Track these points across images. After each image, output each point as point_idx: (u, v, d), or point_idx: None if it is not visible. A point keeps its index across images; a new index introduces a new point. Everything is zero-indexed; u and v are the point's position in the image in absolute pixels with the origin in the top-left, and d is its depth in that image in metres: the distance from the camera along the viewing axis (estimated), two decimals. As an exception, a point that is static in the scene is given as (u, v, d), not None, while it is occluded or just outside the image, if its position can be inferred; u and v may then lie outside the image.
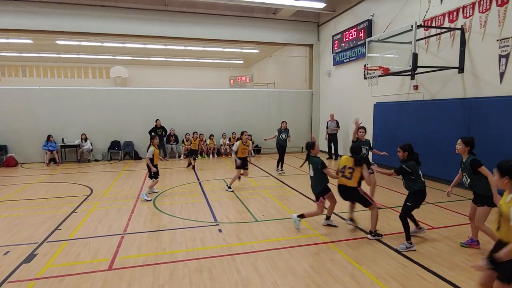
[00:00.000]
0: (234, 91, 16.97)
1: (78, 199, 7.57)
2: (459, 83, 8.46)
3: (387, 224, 5.79)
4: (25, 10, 12.51)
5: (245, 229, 5.57)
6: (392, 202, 7.15)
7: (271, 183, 9.35)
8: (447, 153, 8.69)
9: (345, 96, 13.84)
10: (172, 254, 4.62)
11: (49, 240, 5.13)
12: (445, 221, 5.90)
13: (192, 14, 14.26)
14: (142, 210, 6.69)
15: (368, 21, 11.93)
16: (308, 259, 4.45)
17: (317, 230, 5.47)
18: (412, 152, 4.92)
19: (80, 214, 6.49)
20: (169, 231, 5.50)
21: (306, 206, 6.95)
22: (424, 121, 9.41)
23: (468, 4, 8.09)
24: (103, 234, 5.40)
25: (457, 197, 7.57)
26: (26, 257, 4.52)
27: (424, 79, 9.56)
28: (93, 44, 17.54)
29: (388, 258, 4.44)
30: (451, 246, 4.81)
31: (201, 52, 20.76)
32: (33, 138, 13.21)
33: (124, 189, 8.63)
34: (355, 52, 12.86)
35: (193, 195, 7.95)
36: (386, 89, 10.95)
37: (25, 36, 15.78)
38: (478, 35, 7.89)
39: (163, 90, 15.06)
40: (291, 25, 15.56)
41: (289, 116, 15.85)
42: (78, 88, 14.46)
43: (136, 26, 13.76)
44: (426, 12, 9.20)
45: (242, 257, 4.52)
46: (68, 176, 10.69)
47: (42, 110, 13.35)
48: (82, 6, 13.01)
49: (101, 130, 13.98)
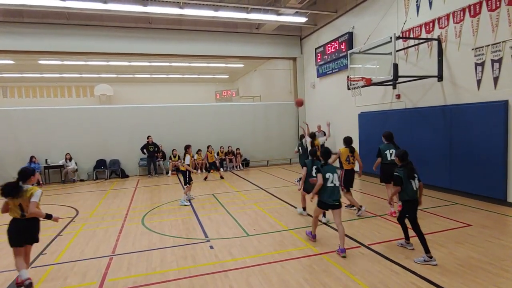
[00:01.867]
0: (220, 105, 17.03)
1: (63, 221, 7.34)
2: (439, 91, 8.74)
3: (377, 232, 5.83)
4: (6, 30, 12.37)
5: (236, 244, 5.51)
6: (381, 210, 7.21)
7: (261, 196, 9.31)
8: (430, 159, 8.89)
9: (330, 107, 14.07)
10: (163, 273, 4.51)
11: (34, 265, 4.93)
12: (434, 227, 5.98)
13: (176, 30, 14.38)
14: (131, 230, 6.54)
15: (349, 33, 12.28)
16: (301, 271, 4.42)
17: (309, 242, 5.46)
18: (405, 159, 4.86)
19: (66, 236, 6.29)
20: (159, 250, 5.38)
21: (297, 218, 6.94)
22: (407, 128, 9.64)
23: (443, 15, 8.45)
24: (91, 256, 5.24)
25: (443, 202, 7.71)
26: (9, 285, 4.34)
27: (405, 88, 9.84)
28: (77, 63, 17.42)
29: (381, 267, 4.46)
30: (441, 252, 4.87)
31: (186, 67, 20.88)
32: (15, 160, 12.80)
33: (111, 209, 8.44)
34: (338, 64, 13.16)
35: (182, 212, 7.83)
36: (369, 99, 11.20)
37: (5, 56, 15.55)
38: (454, 44, 8.22)
39: (148, 107, 14.98)
40: (274, 39, 15.85)
41: (275, 128, 16.00)
42: (62, 107, 14.23)
43: (121, 44, 13.76)
44: (403, 24, 9.55)
45: (234, 273, 4.45)
46: (53, 197, 10.39)
47: (24, 131, 13.03)
48: (65, 26, 12.95)
49: (86, 149, 13.72)
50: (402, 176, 4.68)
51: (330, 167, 5.12)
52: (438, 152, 8.67)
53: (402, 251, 4.94)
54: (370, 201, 8.19)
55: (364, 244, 5.28)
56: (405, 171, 4.70)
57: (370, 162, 11.39)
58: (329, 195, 4.98)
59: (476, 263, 4.45)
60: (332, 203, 4.99)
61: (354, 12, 12.08)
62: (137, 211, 8.03)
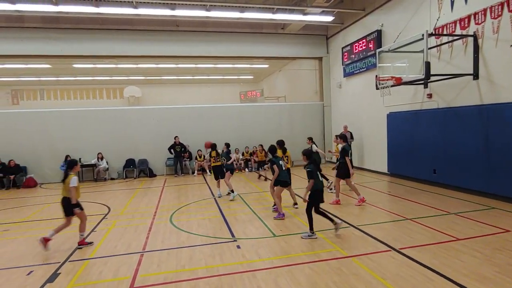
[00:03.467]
0: (245, 106, 17.14)
1: (96, 218, 7.66)
2: (475, 89, 8.34)
3: (409, 236, 5.64)
4: (43, 36, 13.08)
5: (263, 245, 5.51)
6: (411, 213, 6.97)
7: (286, 197, 9.24)
8: (465, 161, 8.50)
9: (357, 107, 13.79)
10: (192, 271, 4.60)
11: (70, 259, 5.19)
12: (470, 232, 5.71)
13: (202, 32, 14.63)
14: (160, 228, 6.71)
15: (378, 31, 11.98)
16: (330, 274, 4.36)
17: (338, 244, 5.37)
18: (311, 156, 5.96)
19: (100, 232, 6.55)
20: (188, 248, 5.48)
21: (324, 220, 6.85)
22: (440, 129, 9.27)
23: (480, 10, 8.06)
24: (123, 252, 5.43)
25: (479, 206, 7.35)
26: (49, 276, 4.57)
27: (438, 87, 9.47)
28: (107, 66, 18.10)
29: (412, 271, 4.31)
30: (478, 258, 4.64)
31: (211, 69, 21.16)
32: (51, 159, 13.53)
33: (140, 207, 8.69)
34: (365, 63, 12.87)
35: (209, 211, 7.94)
36: (399, 98, 10.87)
37: (43, 61, 16.42)
38: (492, 41, 7.82)
39: (175, 108, 15.32)
40: (300, 39, 15.75)
41: (300, 129, 15.85)
42: (94, 108, 14.85)
43: (149, 47, 14.18)
44: (437, 20, 9.19)
45: (262, 273, 4.46)
46: (86, 195, 10.85)
47: (59, 132, 13.72)
48: (98, 31, 13.53)
49: (116, 149, 14.24)
50: (313, 170, 5.65)
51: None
52: (474, 154, 8.27)
53: (435, 256, 4.75)
54: (401, 204, 7.94)
55: (394, 248, 5.13)
56: (314, 166, 5.70)
57: (398, 164, 11.08)
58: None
59: (518, 271, 4.20)
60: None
61: (383, 9, 11.77)
62: (165, 210, 8.23)
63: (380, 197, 8.74)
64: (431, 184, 9.74)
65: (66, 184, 5.57)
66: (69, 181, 5.54)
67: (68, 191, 5.57)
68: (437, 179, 9.49)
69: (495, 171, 7.76)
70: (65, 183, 5.60)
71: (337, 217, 6.49)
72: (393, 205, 7.82)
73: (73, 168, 5.72)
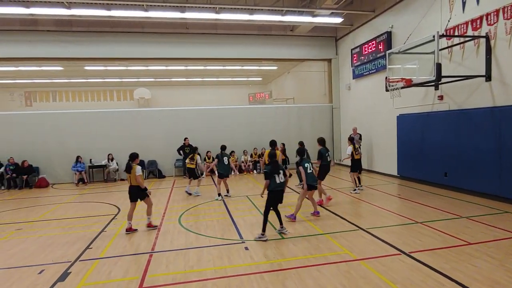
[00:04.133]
0: (254, 107, 17.16)
1: (106, 218, 7.76)
2: (487, 91, 8.20)
3: (419, 240, 5.56)
4: (56, 39, 13.34)
5: (271, 247, 5.50)
6: (422, 217, 6.88)
7: (295, 199, 9.21)
8: (477, 164, 8.35)
9: (367, 109, 13.68)
10: (200, 272, 4.62)
11: (81, 258, 5.26)
12: (482, 236, 5.60)
13: (211, 35, 14.72)
14: (169, 229, 6.75)
15: (387, 33, 11.88)
16: (338, 277, 4.33)
17: (346, 247, 5.33)
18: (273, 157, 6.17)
19: (109, 233, 6.63)
20: (196, 249, 5.51)
21: (332, 222, 6.81)
22: (452, 131, 9.13)
23: (492, 11, 7.93)
24: (132, 252, 5.49)
25: (491, 210, 7.21)
26: (60, 275, 4.65)
27: (449, 89, 9.34)
28: (118, 68, 18.35)
29: (424, 276, 4.25)
30: (491, 263, 4.55)
31: (220, 71, 21.25)
32: (63, 160, 13.76)
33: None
34: (375, 64, 12.77)
35: (218, 213, 7.97)
36: (409, 100, 10.75)
37: (55, 63, 16.73)
38: (505, 42, 7.68)
39: (184, 110, 15.42)
40: (308, 40, 15.72)
41: (309, 130, 15.79)
42: (104, 110, 15.05)
43: (159, 49, 14.33)
44: (448, 21, 9.07)
45: (270, 275, 4.45)
46: (96, 195, 11.01)
47: (70, 133, 13.94)
48: (109, 33, 13.74)
49: (126, 150, 14.11)
50: (269, 172, 5.90)
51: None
52: (486, 157, 8.12)
53: (446, 260, 4.67)
54: (411, 207, 7.84)
55: (404, 251, 5.06)
56: (272, 168, 5.91)
57: (409, 166, 10.99)
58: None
59: (532, 277, 4.11)
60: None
61: (393, 10, 11.68)
62: (174, 211, 8.28)
63: (389, 200, 8.65)
64: (442, 187, 9.59)
65: (133, 174, 6.47)
66: (134, 171, 6.45)
67: (135, 179, 6.47)
68: (449, 182, 9.35)
69: (508, 174, 7.60)
70: (131, 173, 6.48)
71: (346, 219, 6.43)
72: (403, 208, 7.72)
73: (135, 160, 6.63)
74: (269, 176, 5.93)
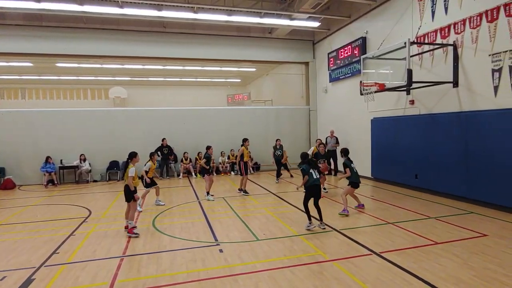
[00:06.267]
0: (232, 109, 17.12)
1: (76, 221, 7.48)
2: (454, 97, 8.57)
3: (390, 240, 5.72)
4: (25, 34, 12.76)
5: (246, 249, 5.49)
6: (393, 218, 7.08)
7: (271, 200, 9.28)
8: (445, 166, 8.71)
9: (342, 112, 13.97)
10: (172, 276, 4.53)
11: (46, 264, 5.03)
12: (449, 236, 5.84)
13: (190, 35, 14.55)
14: (142, 231, 6.59)
15: (362, 38, 12.20)
16: (311, 278, 4.37)
17: (319, 248, 5.40)
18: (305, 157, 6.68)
19: (79, 236, 6.39)
20: (169, 252, 5.41)
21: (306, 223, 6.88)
22: (422, 135, 9.48)
23: (459, 20, 8.31)
24: (102, 257, 5.31)
25: (458, 210, 7.53)
26: (23, 282, 4.42)
27: (419, 94, 9.69)
28: (92, 66, 17.77)
29: (392, 275, 4.37)
30: (456, 262, 4.75)
31: (199, 71, 21.06)
32: (32, 160, 13.15)
33: (123, 209, 8.45)
34: (351, 68, 13.07)
35: (193, 215, 7.87)
36: (382, 104, 11.07)
37: (25, 59, 15.99)
38: (471, 50, 8.06)
39: (161, 110, 15.16)
40: (287, 43, 15.87)
41: (287, 132, 15.93)
42: (77, 109, 14.55)
43: (136, 48, 14.01)
44: (418, 29, 9.42)
45: (244, 277, 4.43)
46: (66, 197, 10.59)
47: (41, 132, 13.36)
48: (82, 30, 13.28)
49: (100, 151, 13.95)
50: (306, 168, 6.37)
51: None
52: (453, 160, 8.48)
53: (414, 260, 4.83)
54: (383, 208, 8.06)
55: (375, 251, 5.19)
56: (308, 164, 6.45)
57: (382, 169, 11.29)
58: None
59: (492, 275, 4.31)
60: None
61: (367, 17, 12.00)
62: (148, 213, 8.11)
63: (363, 202, 8.83)
64: (413, 188, 9.93)
65: (126, 173, 6.36)
66: (128, 171, 6.32)
67: (126, 179, 6.39)
68: (419, 184, 9.69)
69: (474, 177, 7.97)
70: (126, 173, 6.41)
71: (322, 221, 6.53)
72: (375, 210, 7.92)
73: (133, 159, 6.45)
74: (307, 172, 6.36)
